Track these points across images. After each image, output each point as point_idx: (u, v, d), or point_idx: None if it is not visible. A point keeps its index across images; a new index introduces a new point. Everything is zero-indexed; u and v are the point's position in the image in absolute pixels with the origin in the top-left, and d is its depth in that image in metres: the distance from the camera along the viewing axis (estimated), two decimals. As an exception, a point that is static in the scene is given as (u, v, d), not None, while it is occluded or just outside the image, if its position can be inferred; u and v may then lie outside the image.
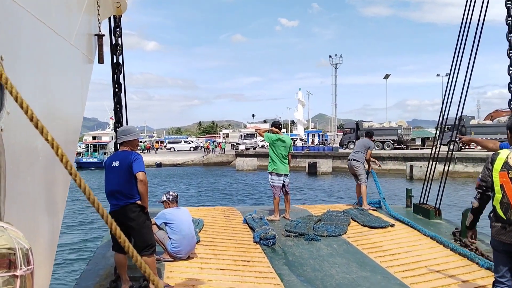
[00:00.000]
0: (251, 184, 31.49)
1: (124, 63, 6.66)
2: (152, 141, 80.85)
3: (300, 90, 72.78)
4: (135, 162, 4.68)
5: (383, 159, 38.32)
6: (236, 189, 28.30)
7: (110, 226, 1.64)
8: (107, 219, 1.65)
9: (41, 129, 1.53)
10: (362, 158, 9.51)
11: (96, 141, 57.22)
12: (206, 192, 27.14)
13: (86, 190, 1.63)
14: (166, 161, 51.93)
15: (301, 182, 32.43)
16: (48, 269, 3.17)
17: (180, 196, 6.34)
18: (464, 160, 34.01)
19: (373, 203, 9.47)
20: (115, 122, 6.77)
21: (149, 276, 1.66)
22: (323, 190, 27.63)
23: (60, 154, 1.55)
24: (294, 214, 8.76)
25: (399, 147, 45.51)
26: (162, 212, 5.97)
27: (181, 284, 5.06)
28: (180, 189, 27.83)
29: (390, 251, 6.51)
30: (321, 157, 41.53)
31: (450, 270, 5.62)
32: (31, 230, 2.67)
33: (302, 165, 42.15)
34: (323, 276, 5.47)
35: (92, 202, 1.63)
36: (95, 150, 54.16)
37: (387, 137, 45.96)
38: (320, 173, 38.28)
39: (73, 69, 3.81)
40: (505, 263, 3.80)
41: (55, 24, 3.07)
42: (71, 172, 1.58)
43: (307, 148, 49.18)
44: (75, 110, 3.96)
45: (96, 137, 60.68)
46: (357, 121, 51.42)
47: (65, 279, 9.91)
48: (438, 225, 7.84)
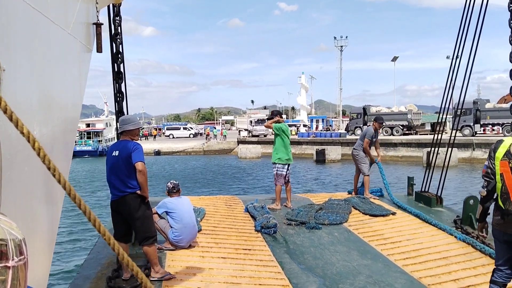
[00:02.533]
0: (256, 174, 29.84)
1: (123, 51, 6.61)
2: (150, 128, 78.22)
3: (303, 74, 69.96)
4: (134, 152, 4.68)
5: (394, 145, 37.10)
6: (240, 180, 27.21)
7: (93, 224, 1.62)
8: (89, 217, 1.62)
9: (15, 122, 1.50)
10: (359, 146, 9.46)
11: (90, 129, 54.03)
12: (208, 184, 26.37)
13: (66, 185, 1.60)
14: (165, 149, 50.32)
15: (309, 171, 31.12)
16: (47, 258, 3.19)
17: (181, 185, 6.35)
18: (483, 146, 31.80)
19: (375, 192, 9.45)
20: (117, 112, 6.75)
21: (136, 274, 1.65)
22: (335, 178, 26.44)
23: (37, 148, 1.52)
24: (295, 203, 8.77)
25: (408, 133, 43.24)
26: (163, 201, 5.98)
27: (183, 272, 5.09)
28: (181, 181, 27.45)
29: (391, 239, 6.52)
30: (328, 144, 39.63)
31: (451, 258, 5.63)
32: (29, 219, 2.68)
33: (308, 152, 40.65)
34: (324, 264, 5.50)
35: (73, 198, 1.61)
36: (89, 138, 51.74)
37: (396, 122, 43.51)
38: (329, 160, 36.67)
39: (71, 58, 3.78)
40: (504, 252, 3.80)
41: (52, 13, 3.04)
42: (49, 166, 1.55)
43: (313, 134, 46.84)
44: (74, 99, 3.94)
45: (90, 124, 56.77)
46: (364, 106, 48.65)
47: (67, 268, 9.99)
48: (439, 213, 7.84)
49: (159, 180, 24.58)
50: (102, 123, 57.33)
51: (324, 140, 41.94)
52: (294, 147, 42.07)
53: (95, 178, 28.74)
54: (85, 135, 51.65)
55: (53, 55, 3.23)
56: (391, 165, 31.47)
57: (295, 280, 4.96)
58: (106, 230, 1.60)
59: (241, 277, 5.07)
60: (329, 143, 40.00)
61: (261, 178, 26.90)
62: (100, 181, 27.10)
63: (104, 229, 1.60)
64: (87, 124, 55.98)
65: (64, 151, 3.71)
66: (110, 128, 58.49)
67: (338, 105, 71.35)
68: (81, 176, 30.01)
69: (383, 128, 43.97)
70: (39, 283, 2.91)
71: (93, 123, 57.56)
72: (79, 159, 43.72)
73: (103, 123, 57.07)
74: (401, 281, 4.92)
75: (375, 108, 47.50)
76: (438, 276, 5.06)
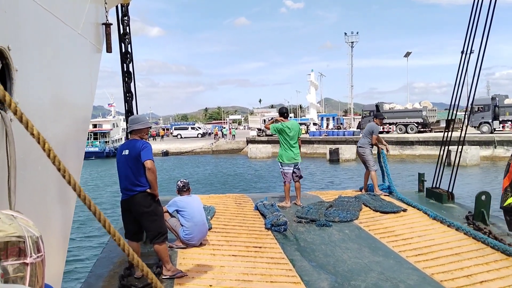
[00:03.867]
0: (266, 176, 28.96)
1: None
2: (157, 128, 77.50)
3: (312, 71, 69.13)
4: (143, 150, 4.71)
5: (411, 143, 36.08)
6: (250, 181, 26.75)
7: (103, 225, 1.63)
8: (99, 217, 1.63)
9: (25, 124, 1.51)
10: (366, 144, 9.41)
11: (97, 129, 52.51)
12: (218, 186, 25.67)
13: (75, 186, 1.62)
14: (173, 149, 49.82)
15: (323, 172, 30.04)
16: (61, 256, 3.22)
17: (191, 185, 6.37)
18: (505, 143, 31.05)
19: (385, 188, 9.41)
20: (126, 111, 6.79)
21: (146, 274, 1.66)
22: (351, 179, 25.54)
23: (47, 149, 1.52)
24: (305, 201, 8.76)
25: (423, 130, 41.82)
26: (174, 200, 6.01)
27: (194, 270, 5.11)
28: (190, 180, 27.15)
29: (403, 236, 6.48)
30: (341, 143, 38.35)
31: (463, 254, 5.59)
32: (43, 218, 2.71)
33: (320, 152, 39.41)
34: (335, 262, 5.48)
35: (82, 199, 1.62)
36: (96, 139, 50.47)
37: (410, 120, 42.32)
38: (343, 160, 35.32)
39: (81, 58, 3.82)
40: None
41: (62, 13, 3.07)
42: (59, 167, 1.55)
43: (325, 132, 45.51)
44: (85, 99, 3.98)
45: (96, 124, 54.94)
46: (377, 103, 47.19)
47: (80, 267, 10.08)
48: (451, 209, 7.78)
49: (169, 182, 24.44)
50: (109, 123, 56.70)
51: (337, 139, 40.69)
52: (306, 147, 41.26)
53: (101, 181, 28.69)
54: (92, 136, 50.16)
55: (64, 55, 3.26)
56: (409, 164, 30.80)
57: (306, 278, 4.95)
58: (116, 231, 1.62)
59: (253, 274, 5.08)
60: (342, 142, 38.75)
61: (273, 180, 26.21)
62: (108, 182, 27.17)
63: (114, 230, 1.61)
64: (94, 125, 54.71)
65: (76, 149, 3.75)
66: (117, 128, 58.04)
67: (350, 103, 70.41)
68: (89, 179, 29.85)
69: (397, 126, 43.16)
70: (53, 281, 2.94)
71: (100, 123, 56.46)
72: (85, 161, 42.96)
73: (110, 124, 56.49)
74: (414, 278, 4.89)
75: (388, 105, 46.06)
76: (450, 272, 5.02)
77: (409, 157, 35.28)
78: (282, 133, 8.44)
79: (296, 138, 8.50)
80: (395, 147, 36.41)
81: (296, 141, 8.51)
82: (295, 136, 8.48)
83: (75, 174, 3.69)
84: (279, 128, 8.45)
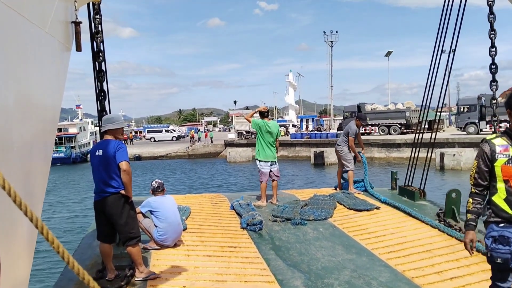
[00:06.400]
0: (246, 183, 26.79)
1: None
2: (127, 131, 71.50)
3: (291, 71, 68.13)
4: (118, 151, 4.64)
5: (398, 145, 34.84)
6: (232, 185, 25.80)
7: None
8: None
9: None
10: (343, 142, 9.45)
11: (62, 133, 48.59)
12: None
13: None
14: (146, 153, 47.24)
15: (307, 176, 28.82)
16: (27, 260, 3.14)
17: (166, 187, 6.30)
18: None
19: (359, 187, 9.50)
20: (99, 111, 6.67)
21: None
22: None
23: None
24: (281, 199, 8.79)
25: (406, 132, 40.11)
26: (147, 201, 5.94)
27: (168, 271, 5.06)
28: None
29: (376, 233, 6.58)
30: (324, 145, 36.52)
31: (434, 251, 5.71)
32: (7, 222, 2.63)
33: (303, 155, 38.07)
34: (309, 260, 5.52)
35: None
36: (61, 144, 47.47)
37: (393, 121, 40.94)
38: (328, 164, 33.62)
39: (48, 57, 3.73)
40: None
41: (27, 11, 2.99)
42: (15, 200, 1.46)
43: (308, 135, 43.83)
44: (53, 98, 3.88)
45: (62, 128, 49.56)
46: (358, 104, 45.63)
47: (50, 270, 9.86)
48: (423, 207, 7.94)
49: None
50: (75, 127, 53.03)
51: (320, 142, 39.13)
52: (287, 150, 40.65)
53: (69, 187, 27.68)
54: (57, 140, 45.07)
55: (30, 54, 3.18)
56: (395, 167, 29.29)
57: (280, 277, 4.97)
58: (70, 256, 1.56)
59: (227, 274, 5.07)
60: (326, 145, 36.95)
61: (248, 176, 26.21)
62: (75, 191, 26.34)
63: (68, 255, 1.56)
64: (59, 129, 46.80)
65: (43, 151, 3.66)
66: (85, 132, 54.80)
67: (329, 104, 69.20)
68: (53, 187, 28.08)
69: (380, 127, 41.90)
70: (18, 286, 2.87)
71: (65, 127, 51.49)
72: (50, 167, 40.69)
73: (76, 128, 52.90)
74: (386, 275, 4.97)
75: (370, 106, 44.89)
76: (421, 268, 5.12)
77: (396, 159, 34.12)
78: (262, 132, 8.46)
79: (274, 138, 8.53)
80: (381, 150, 35.85)
81: (274, 142, 8.55)
82: (274, 137, 8.53)
83: (42, 176, 3.62)
84: (260, 124, 8.46)
